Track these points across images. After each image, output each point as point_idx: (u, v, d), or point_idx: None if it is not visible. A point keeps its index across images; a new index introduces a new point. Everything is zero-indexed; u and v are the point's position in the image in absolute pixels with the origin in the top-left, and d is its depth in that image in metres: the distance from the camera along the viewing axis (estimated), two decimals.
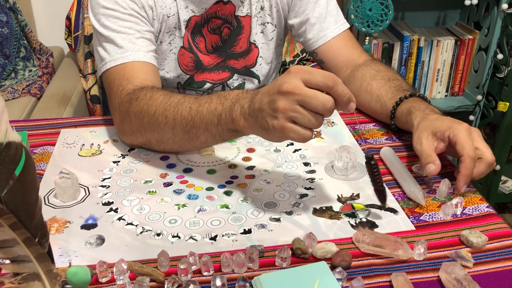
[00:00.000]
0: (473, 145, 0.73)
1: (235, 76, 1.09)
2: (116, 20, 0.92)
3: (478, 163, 0.73)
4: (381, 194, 0.70)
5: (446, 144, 0.76)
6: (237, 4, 1.03)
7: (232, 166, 0.84)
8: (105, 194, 0.77)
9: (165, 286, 0.59)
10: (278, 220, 0.71)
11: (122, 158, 0.87)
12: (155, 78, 0.92)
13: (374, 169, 0.68)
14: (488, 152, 0.74)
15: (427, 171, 0.74)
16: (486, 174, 0.74)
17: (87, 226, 0.70)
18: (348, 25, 1.06)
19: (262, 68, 1.10)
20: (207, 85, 1.08)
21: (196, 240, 0.67)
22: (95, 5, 0.94)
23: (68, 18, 1.59)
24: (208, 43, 1.05)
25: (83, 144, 0.90)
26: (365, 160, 0.69)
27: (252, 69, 1.10)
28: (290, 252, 0.63)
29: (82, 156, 0.87)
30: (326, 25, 1.03)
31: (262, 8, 1.05)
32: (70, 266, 0.52)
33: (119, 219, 0.72)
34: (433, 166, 0.73)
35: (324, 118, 0.64)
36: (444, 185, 0.75)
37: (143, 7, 0.95)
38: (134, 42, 0.91)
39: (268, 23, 1.07)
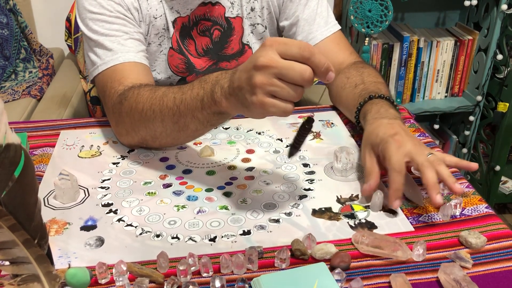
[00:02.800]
0: (401, 157, 0.71)
1: None
2: (103, 24, 0.92)
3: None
4: (293, 149, 0.69)
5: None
6: (226, 5, 1.03)
7: (232, 167, 0.84)
8: (105, 196, 0.77)
9: (164, 287, 0.59)
10: (277, 221, 0.71)
11: (122, 159, 0.87)
12: (147, 77, 0.92)
13: (306, 132, 0.66)
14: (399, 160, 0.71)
15: (362, 193, 0.75)
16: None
17: (86, 228, 0.70)
18: (339, 27, 1.05)
19: None
20: None
21: (195, 241, 0.68)
22: (82, 10, 0.93)
23: (68, 19, 1.59)
24: (198, 46, 1.05)
25: (83, 146, 0.91)
26: (305, 119, 0.66)
27: None
28: (289, 253, 0.64)
29: (82, 157, 0.87)
30: (316, 27, 1.03)
31: (252, 9, 1.05)
32: (69, 267, 0.52)
33: (119, 220, 0.72)
34: (368, 187, 0.73)
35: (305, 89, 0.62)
36: (376, 198, 0.73)
37: (129, 9, 0.95)
38: (123, 44, 0.92)
39: (258, 24, 1.07)
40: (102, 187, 0.79)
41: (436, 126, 2.01)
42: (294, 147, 0.69)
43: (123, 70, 0.89)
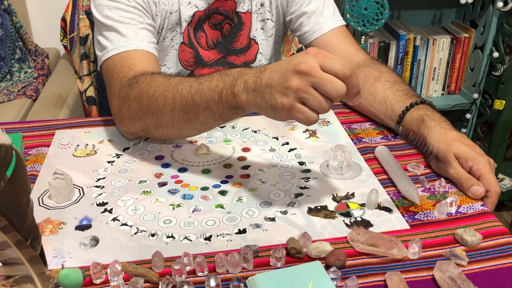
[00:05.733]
0: (496, 180, 0.76)
1: None
2: (119, 11, 0.92)
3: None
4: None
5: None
6: (238, 0, 1.04)
7: (227, 165, 0.84)
8: (100, 195, 0.77)
9: (159, 287, 0.59)
10: (273, 219, 0.71)
11: (117, 158, 0.86)
12: (157, 67, 0.92)
13: None
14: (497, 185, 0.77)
15: (475, 194, 0.74)
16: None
17: (81, 227, 0.70)
18: (344, 23, 1.06)
19: (261, 64, 1.11)
20: None
21: (190, 240, 0.67)
22: None
23: (63, 19, 1.59)
24: (209, 39, 1.06)
25: (78, 145, 0.90)
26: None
27: (251, 65, 1.10)
28: (285, 252, 0.63)
29: (77, 156, 0.87)
30: (323, 18, 1.03)
31: (262, 5, 1.06)
32: (62, 268, 0.52)
33: (114, 219, 0.71)
34: (481, 188, 0.74)
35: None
36: (372, 195, 0.73)
37: (148, 1, 0.96)
38: (138, 32, 0.92)
39: (268, 19, 1.08)
40: (97, 186, 0.79)
41: None
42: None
43: (134, 56, 0.89)
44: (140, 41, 0.91)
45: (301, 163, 0.84)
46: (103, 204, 0.75)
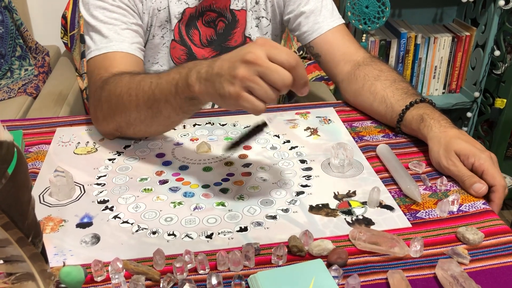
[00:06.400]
0: (501, 174, 0.75)
1: None
2: (104, 11, 0.93)
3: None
4: (235, 144, 0.72)
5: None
6: None
7: (228, 163, 0.84)
8: (101, 192, 0.77)
9: (161, 284, 0.59)
10: (274, 217, 0.71)
11: (118, 155, 0.86)
12: (137, 68, 0.92)
13: (255, 133, 0.71)
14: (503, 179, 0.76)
15: (477, 191, 0.74)
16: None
17: (82, 225, 0.70)
18: (343, 21, 1.05)
19: None
20: None
21: (192, 238, 0.67)
22: None
23: (64, 17, 1.58)
24: (203, 36, 1.05)
25: (79, 142, 0.90)
26: (262, 122, 0.69)
27: None
28: (286, 250, 0.63)
29: (78, 154, 0.87)
30: (322, 18, 1.03)
31: (257, 2, 1.06)
32: (64, 265, 0.51)
33: (115, 217, 0.71)
34: (484, 186, 0.74)
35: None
36: (373, 194, 0.73)
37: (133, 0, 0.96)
38: (119, 33, 0.92)
39: (263, 17, 1.07)
40: (98, 184, 0.79)
41: None
42: (237, 144, 0.72)
43: (114, 59, 0.90)
44: (121, 43, 0.92)
45: (303, 161, 0.84)
46: (104, 201, 0.75)
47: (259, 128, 0.70)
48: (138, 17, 0.97)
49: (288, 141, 0.90)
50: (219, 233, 0.68)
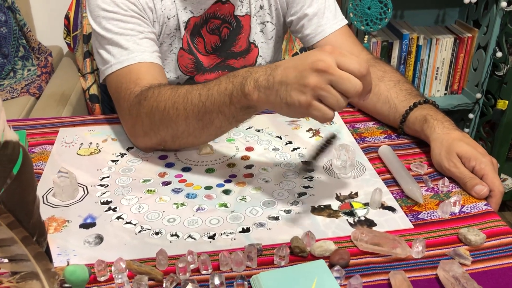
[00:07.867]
0: (499, 180, 0.76)
1: None
2: (118, 22, 0.90)
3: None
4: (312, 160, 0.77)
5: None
6: (235, 3, 1.02)
7: (231, 165, 0.84)
8: (104, 193, 0.77)
9: (164, 284, 0.59)
10: (276, 218, 0.71)
11: (121, 157, 0.87)
12: (162, 77, 0.91)
13: (327, 146, 0.76)
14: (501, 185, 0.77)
15: (479, 193, 0.74)
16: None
17: (85, 225, 0.70)
18: (346, 22, 1.05)
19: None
20: None
21: (194, 239, 0.68)
22: (94, 8, 0.91)
23: (66, 17, 1.59)
24: (208, 44, 1.04)
25: (82, 143, 0.90)
26: (331, 135, 0.72)
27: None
28: (289, 251, 0.64)
29: (81, 155, 0.87)
30: (325, 20, 1.02)
31: (261, 7, 1.05)
32: (68, 265, 0.52)
33: (118, 218, 0.72)
34: (485, 188, 0.74)
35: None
36: (375, 195, 0.73)
37: (144, 9, 0.94)
38: (139, 43, 0.90)
39: (267, 22, 1.07)
40: (101, 185, 0.79)
41: None
42: (313, 159, 0.79)
43: (139, 70, 0.88)
44: (142, 53, 0.89)
45: (305, 162, 0.85)
46: (107, 202, 0.75)
47: (330, 141, 0.72)
48: (151, 26, 0.95)
49: (290, 142, 0.90)
50: (221, 234, 0.68)
